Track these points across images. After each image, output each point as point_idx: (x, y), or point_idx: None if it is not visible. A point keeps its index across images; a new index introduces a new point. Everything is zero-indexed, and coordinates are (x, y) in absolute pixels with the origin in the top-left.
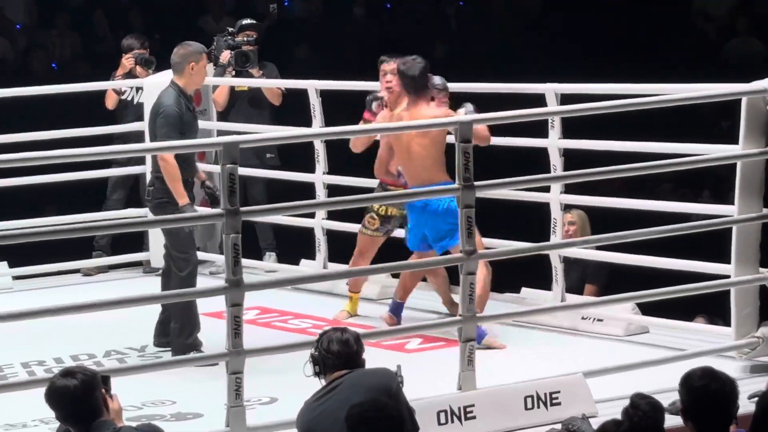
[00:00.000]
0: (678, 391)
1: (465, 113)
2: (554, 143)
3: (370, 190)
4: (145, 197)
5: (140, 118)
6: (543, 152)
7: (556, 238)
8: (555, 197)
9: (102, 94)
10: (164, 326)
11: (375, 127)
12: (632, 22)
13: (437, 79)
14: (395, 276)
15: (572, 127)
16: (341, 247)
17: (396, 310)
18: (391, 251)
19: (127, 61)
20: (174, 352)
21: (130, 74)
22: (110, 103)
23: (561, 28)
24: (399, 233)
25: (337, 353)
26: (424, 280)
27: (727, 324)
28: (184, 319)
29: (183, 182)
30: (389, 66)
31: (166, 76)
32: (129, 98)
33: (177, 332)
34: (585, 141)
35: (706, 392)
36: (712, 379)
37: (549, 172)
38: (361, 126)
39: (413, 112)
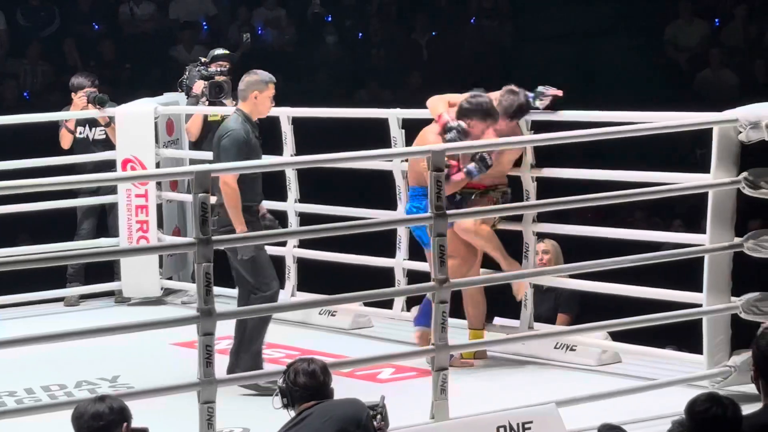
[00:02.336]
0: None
1: (449, 139)
2: (527, 172)
3: (341, 218)
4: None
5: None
6: (515, 180)
7: (528, 263)
8: (528, 226)
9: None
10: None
11: (354, 155)
12: (605, 53)
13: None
14: (367, 305)
15: (544, 156)
16: (312, 276)
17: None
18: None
19: (80, 100)
20: (242, 367)
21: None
22: (65, 142)
23: (532, 59)
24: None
25: (303, 385)
26: None
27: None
28: (253, 335)
29: (246, 209)
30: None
31: (139, 106)
32: (83, 136)
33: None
34: (558, 170)
35: (707, 417)
36: (715, 404)
37: (522, 199)
38: (335, 155)
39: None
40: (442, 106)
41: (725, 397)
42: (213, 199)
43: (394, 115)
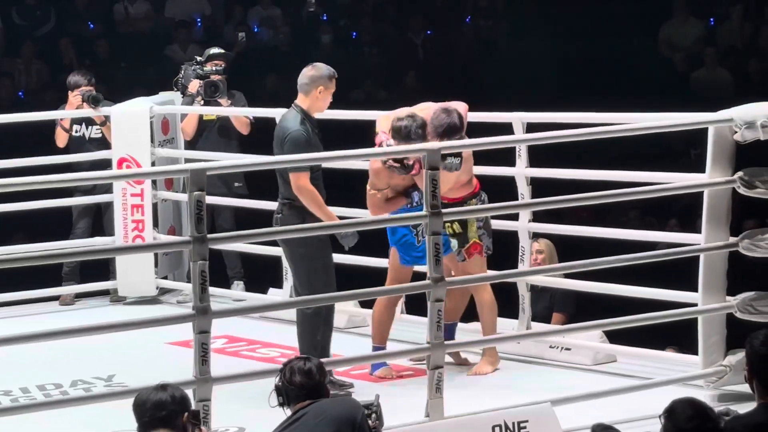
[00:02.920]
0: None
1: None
2: (521, 172)
3: (340, 218)
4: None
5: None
6: (510, 180)
7: (524, 266)
8: (523, 225)
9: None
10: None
11: (342, 154)
12: (600, 52)
13: None
14: (363, 305)
15: (539, 156)
16: None
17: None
18: (362, 278)
19: (75, 99)
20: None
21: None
22: (60, 141)
23: (527, 57)
24: None
25: (299, 384)
26: None
27: (693, 352)
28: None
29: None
30: None
31: (134, 105)
32: (80, 135)
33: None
34: (552, 170)
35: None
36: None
37: (516, 200)
38: (328, 153)
39: None
40: (384, 124)
41: (704, 403)
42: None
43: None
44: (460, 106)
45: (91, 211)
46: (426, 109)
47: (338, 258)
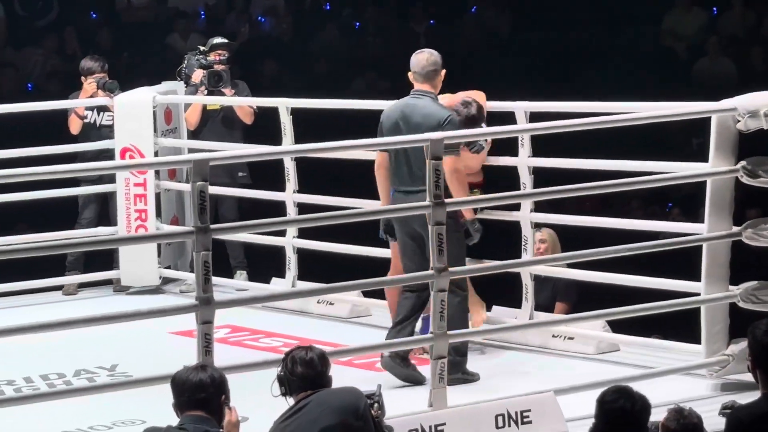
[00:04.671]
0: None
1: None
2: (524, 161)
3: (340, 208)
4: None
5: (108, 139)
6: (512, 170)
7: (527, 255)
8: (525, 215)
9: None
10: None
11: (346, 144)
12: (603, 41)
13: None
14: (366, 295)
15: (541, 146)
16: (311, 266)
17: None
18: (367, 268)
19: (89, 86)
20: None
21: (92, 98)
22: (74, 127)
23: (530, 48)
24: None
25: (301, 374)
26: None
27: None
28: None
29: None
30: None
31: (137, 94)
32: (92, 121)
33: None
34: (555, 159)
35: (615, 407)
36: (624, 397)
37: (519, 189)
38: (332, 143)
39: None
40: None
41: (636, 392)
42: None
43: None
44: (479, 96)
45: (98, 201)
46: (444, 99)
47: (341, 248)
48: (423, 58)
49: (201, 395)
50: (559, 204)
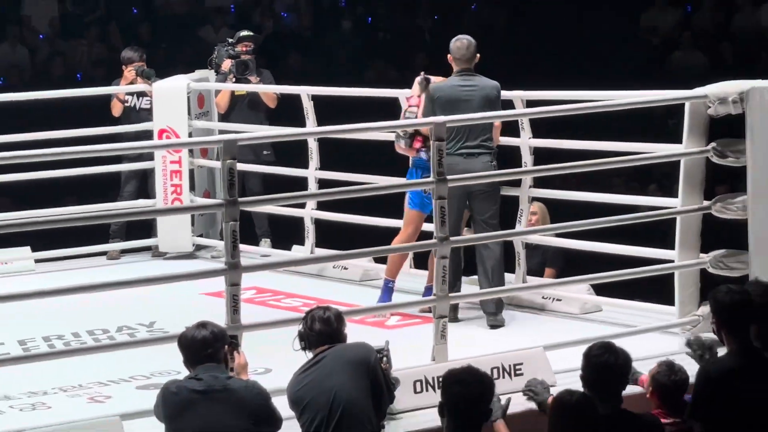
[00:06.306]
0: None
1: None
2: (525, 142)
3: (354, 183)
4: None
5: (146, 121)
6: (514, 150)
7: (521, 226)
8: (525, 190)
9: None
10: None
11: (358, 127)
12: (589, 36)
13: None
14: (376, 261)
15: (539, 129)
16: (327, 234)
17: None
18: (376, 236)
19: (129, 73)
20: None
21: (131, 84)
22: (116, 111)
23: (526, 41)
24: None
25: (319, 331)
26: None
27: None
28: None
29: None
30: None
31: (173, 82)
32: (132, 105)
33: None
34: (551, 140)
35: (600, 361)
36: (608, 352)
37: (519, 167)
38: (351, 126)
39: None
40: (418, 88)
41: (619, 347)
42: None
43: (402, 95)
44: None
45: (138, 176)
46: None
47: (355, 219)
48: (467, 44)
49: (208, 350)
50: (548, 180)
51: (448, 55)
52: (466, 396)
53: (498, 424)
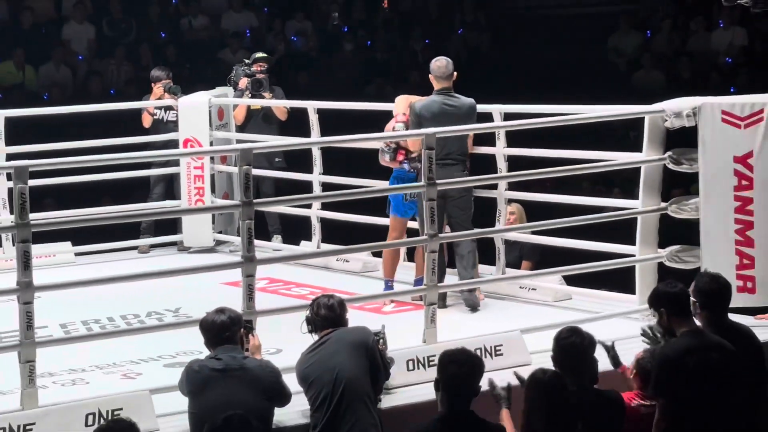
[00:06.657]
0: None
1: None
2: (500, 151)
3: (354, 186)
4: None
5: (173, 132)
6: (491, 158)
7: (500, 224)
8: (500, 193)
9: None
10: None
11: (357, 137)
12: (561, 58)
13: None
14: (374, 254)
15: (514, 139)
16: (332, 231)
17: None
18: (375, 233)
19: (158, 90)
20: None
21: (160, 99)
22: (146, 123)
23: (505, 62)
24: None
25: (324, 316)
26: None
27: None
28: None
29: None
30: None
31: (196, 97)
32: (160, 118)
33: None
34: (524, 149)
35: (567, 343)
36: (575, 334)
37: (495, 173)
38: (351, 136)
39: None
40: (401, 106)
41: (585, 331)
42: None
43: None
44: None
45: (165, 180)
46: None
47: (356, 218)
48: (446, 64)
49: (226, 333)
50: (526, 184)
51: (430, 75)
52: (459, 374)
53: (504, 412)
